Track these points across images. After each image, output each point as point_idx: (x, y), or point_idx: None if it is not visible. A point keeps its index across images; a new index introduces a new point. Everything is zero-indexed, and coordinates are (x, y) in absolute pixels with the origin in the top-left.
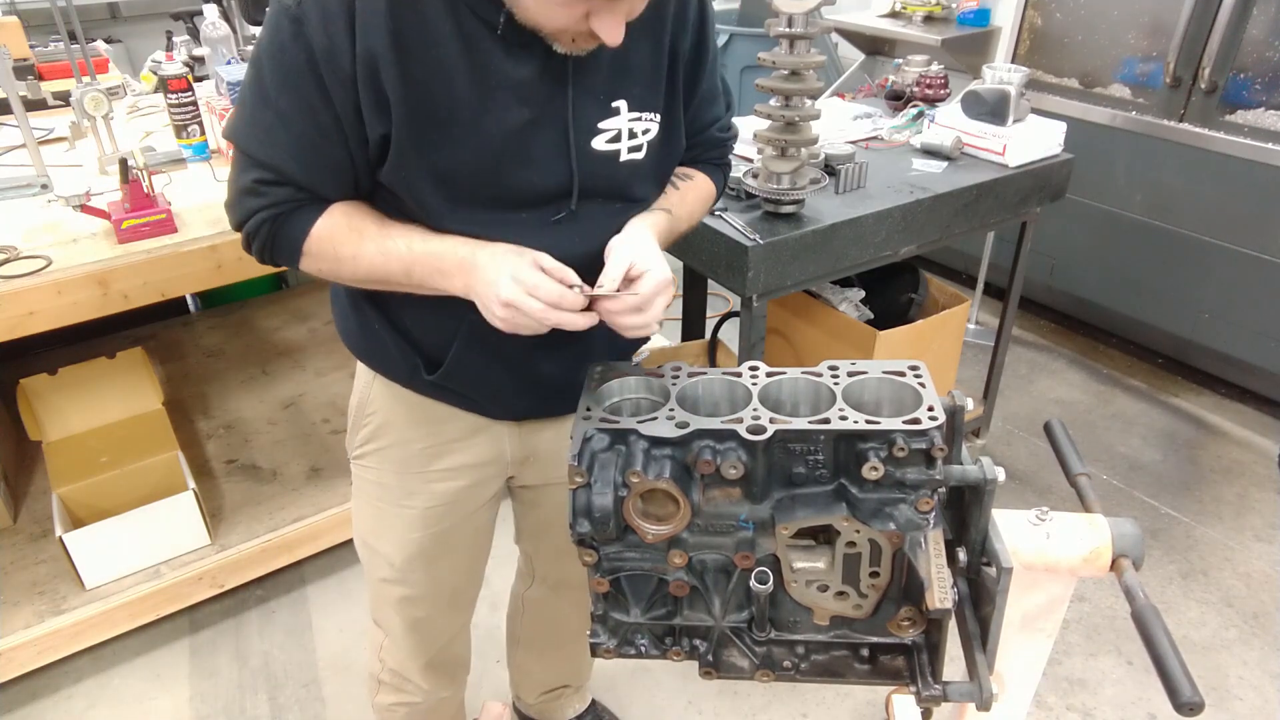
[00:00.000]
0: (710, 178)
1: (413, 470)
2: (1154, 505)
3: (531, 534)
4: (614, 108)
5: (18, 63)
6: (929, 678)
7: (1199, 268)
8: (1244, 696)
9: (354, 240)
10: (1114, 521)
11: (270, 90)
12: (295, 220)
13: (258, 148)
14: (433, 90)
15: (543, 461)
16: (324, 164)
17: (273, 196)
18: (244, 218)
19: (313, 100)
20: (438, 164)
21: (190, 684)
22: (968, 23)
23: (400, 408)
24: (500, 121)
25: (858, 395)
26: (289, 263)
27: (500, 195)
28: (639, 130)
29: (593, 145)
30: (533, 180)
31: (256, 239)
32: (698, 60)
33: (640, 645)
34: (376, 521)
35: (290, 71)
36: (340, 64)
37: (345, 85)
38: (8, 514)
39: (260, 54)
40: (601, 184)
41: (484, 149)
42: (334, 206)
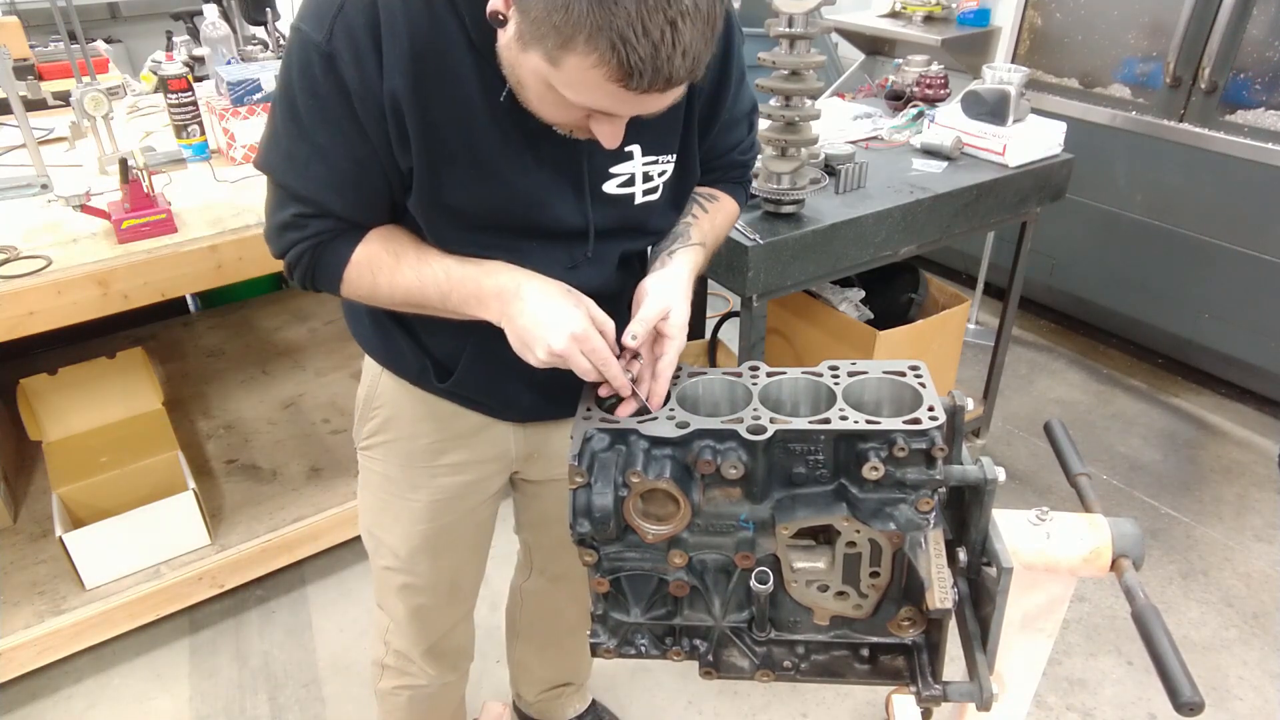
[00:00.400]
0: (734, 196)
1: (418, 464)
2: (1154, 505)
3: (532, 525)
4: (627, 152)
5: (18, 63)
6: (929, 678)
7: (1199, 268)
8: (1244, 696)
9: (391, 265)
10: (1114, 521)
11: (307, 125)
12: (335, 249)
13: (296, 181)
14: (450, 133)
15: (547, 458)
16: (362, 195)
17: (313, 229)
18: (285, 249)
19: (350, 134)
20: (454, 204)
21: (190, 684)
22: (968, 23)
23: (407, 403)
24: (515, 167)
25: (858, 395)
26: (330, 289)
27: (516, 232)
28: (654, 173)
29: (604, 189)
30: (546, 221)
31: (298, 269)
32: (717, 96)
33: (640, 645)
34: (382, 512)
35: (326, 106)
36: (372, 99)
37: (378, 119)
38: (8, 514)
39: (291, 88)
40: (616, 224)
41: (499, 192)
42: (372, 233)
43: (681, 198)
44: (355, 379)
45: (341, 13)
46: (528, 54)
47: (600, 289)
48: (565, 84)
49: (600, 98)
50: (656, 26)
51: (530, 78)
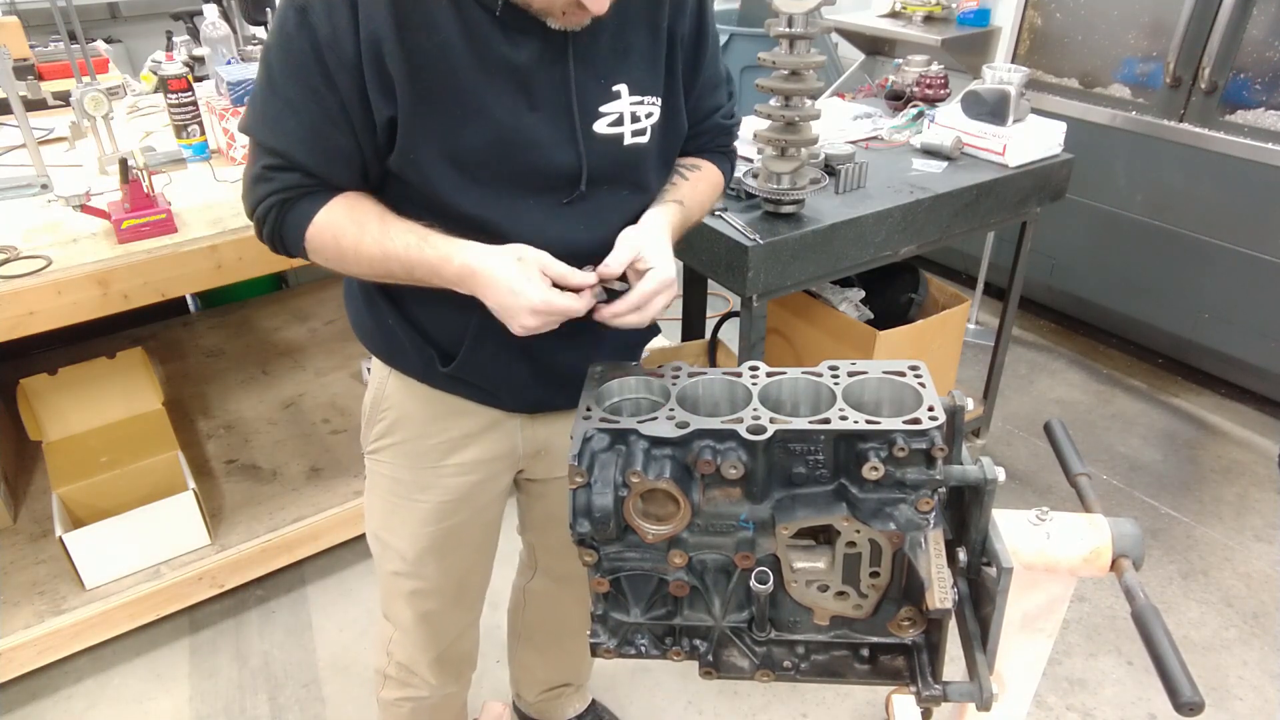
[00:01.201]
0: (718, 166)
1: (426, 465)
2: (1154, 505)
3: (536, 526)
4: (614, 91)
5: (18, 63)
6: (929, 678)
7: (1199, 268)
8: (1244, 696)
9: (354, 233)
10: (1114, 521)
11: (278, 79)
12: (300, 207)
13: (266, 134)
14: (435, 73)
15: (553, 455)
16: (331, 150)
17: (281, 181)
18: (255, 203)
19: (318, 87)
20: (444, 146)
21: (190, 684)
22: (968, 23)
23: (415, 403)
24: (503, 105)
25: (858, 395)
26: (296, 250)
27: (510, 177)
28: (641, 114)
29: (595, 129)
30: (540, 163)
31: (266, 225)
32: (698, 45)
33: (640, 645)
34: (389, 515)
35: (296, 60)
36: (344, 50)
37: (350, 71)
38: (8, 514)
39: (269, 46)
40: (608, 168)
41: (489, 131)
42: (339, 197)
43: (669, 150)
44: (355, 379)
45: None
46: None
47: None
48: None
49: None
50: None
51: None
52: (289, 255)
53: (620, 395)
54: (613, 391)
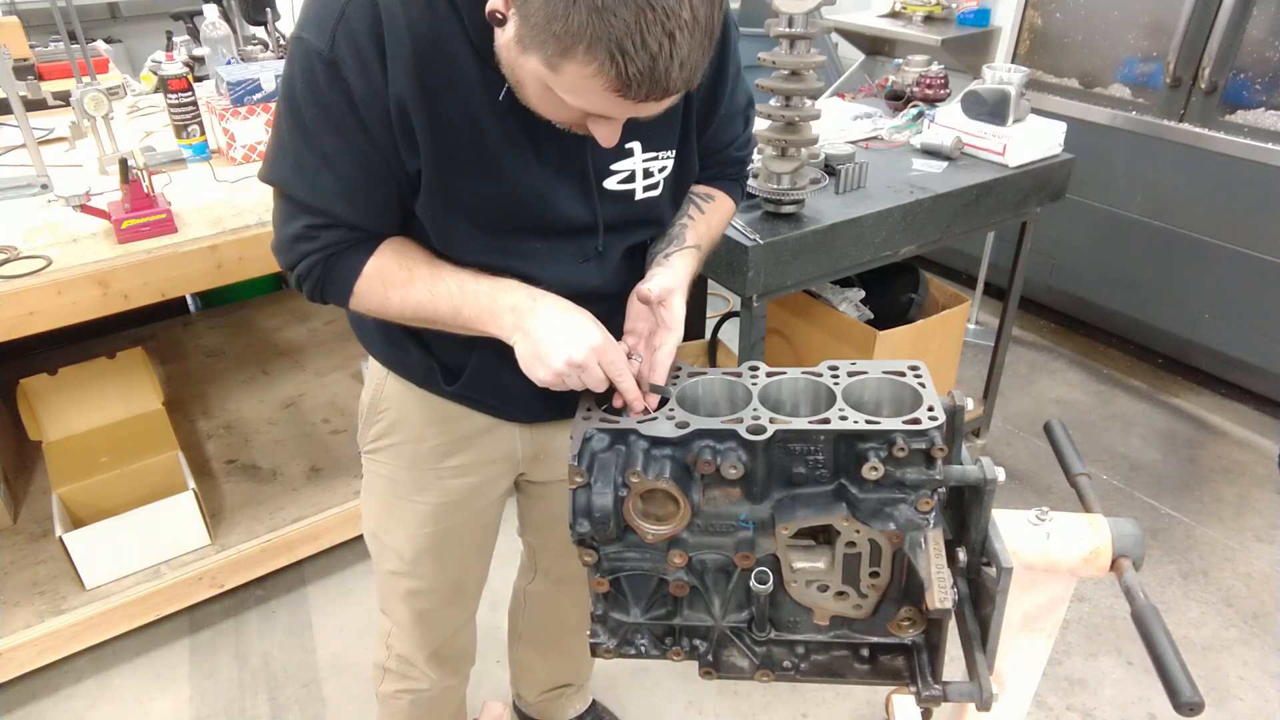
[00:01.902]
0: (729, 194)
1: (424, 466)
2: (1154, 505)
3: (536, 527)
4: (627, 149)
5: (18, 63)
6: (929, 678)
7: (1199, 268)
8: (1244, 696)
9: (404, 279)
10: (1114, 521)
11: (313, 134)
12: (346, 260)
13: (306, 192)
14: (457, 133)
15: (553, 457)
16: (373, 203)
17: (325, 239)
18: (296, 261)
19: (358, 141)
20: (463, 205)
21: (190, 684)
22: (968, 23)
23: (414, 406)
24: (519, 165)
25: (858, 395)
26: (339, 301)
27: (524, 230)
28: (655, 169)
29: (605, 185)
30: (552, 218)
31: (308, 281)
32: (714, 93)
33: (640, 645)
34: (387, 516)
35: (332, 115)
36: (378, 106)
37: (384, 124)
38: (8, 514)
39: (295, 97)
40: (620, 219)
41: (506, 190)
42: (384, 245)
43: (681, 192)
44: (355, 379)
45: (343, 19)
46: (527, 57)
47: (608, 285)
48: (564, 89)
49: (598, 103)
50: (655, 39)
51: (529, 79)
52: (326, 303)
53: None
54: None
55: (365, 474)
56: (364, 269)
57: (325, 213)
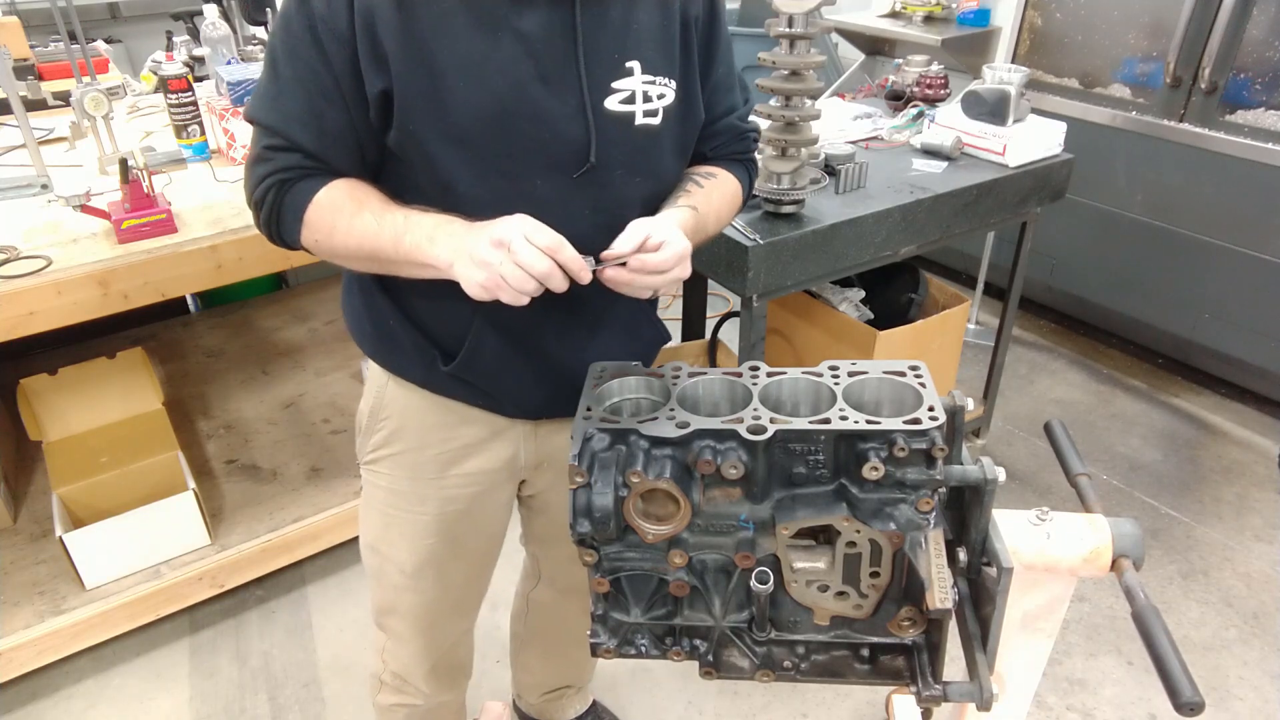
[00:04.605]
0: (734, 175)
1: (427, 476)
2: (1154, 505)
3: (539, 538)
4: (628, 68)
5: (18, 63)
6: (929, 678)
7: (1199, 268)
8: (1244, 696)
9: (353, 209)
10: (1114, 521)
11: (279, 60)
12: (300, 187)
13: (266, 114)
14: (434, 42)
15: (556, 467)
16: (328, 129)
17: (280, 162)
18: (254, 185)
19: (314, 65)
20: (443, 119)
21: (190, 684)
22: (968, 23)
23: (415, 411)
24: (506, 74)
25: (858, 395)
26: (291, 235)
27: (514, 154)
28: (654, 94)
29: (606, 105)
30: (545, 136)
31: (264, 207)
32: (712, 33)
33: (640, 645)
34: (387, 528)
35: (294, 40)
36: (338, 24)
37: (343, 44)
38: (8, 514)
39: (274, 29)
40: (620, 149)
41: (490, 102)
42: (340, 180)
43: (685, 139)
44: (355, 379)
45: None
46: None
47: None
48: None
49: None
50: None
51: None
52: (284, 243)
53: (620, 395)
54: (613, 391)
55: (365, 486)
56: (315, 197)
57: (282, 134)
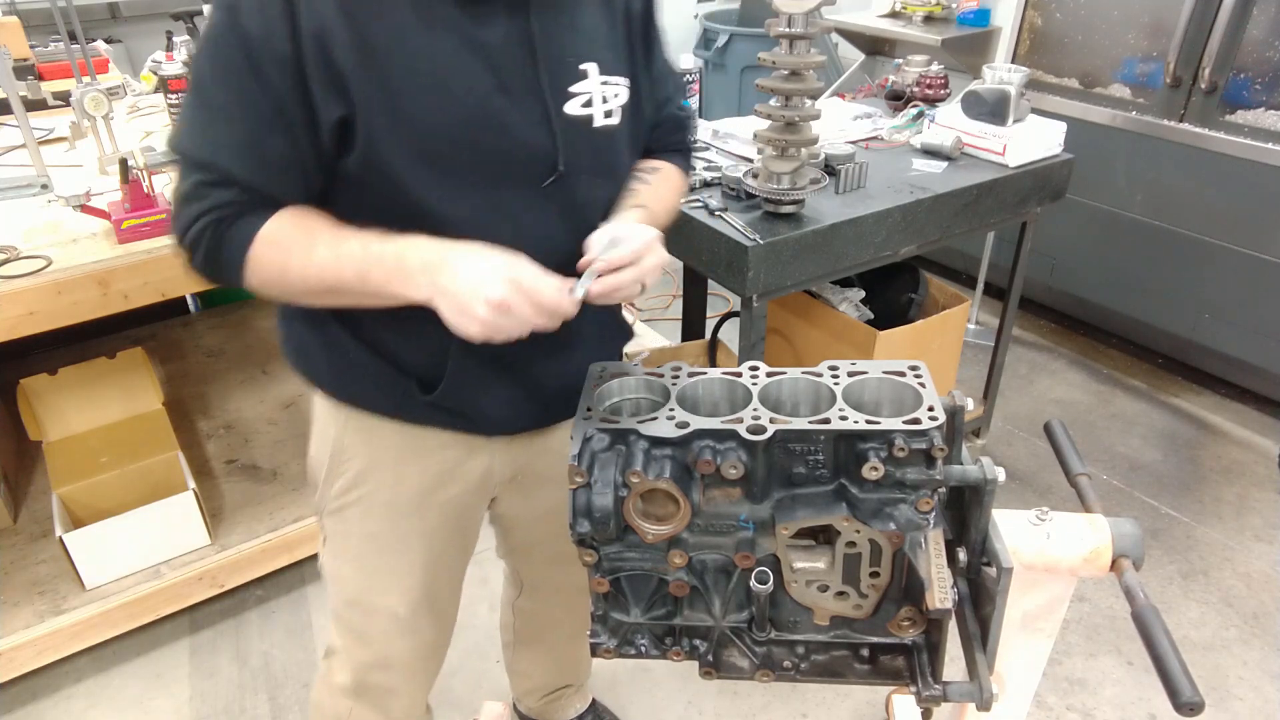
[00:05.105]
0: (676, 165)
1: (406, 512)
2: (1154, 505)
3: (515, 551)
4: (582, 70)
5: (18, 63)
6: (929, 678)
7: (1199, 268)
8: (1244, 696)
9: (305, 243)
10: (1114, 521)
11: (207, 87)
12: (241, 224)
13: (195, 147)
14: (394, 60)
15: (530, 482)
16: (269, 158)
17: (215, 198)
18: (185, 226)
19: (251, 90)
20: (410, 138)
21: (190, 684)
22: (968, 23)
23: (386, 446)
24: (469, 87)
25: (858, 395)
26: (232, 275)
27: (482, 167)
28: (610, 95)
29: (567, 110)
30: (511, 147)
31: (200, 248)
32: (649, 23)
33: (640, 645)
34: (371, 577)
35: (226, 63)
36: (277, 46)
37: (285, 68)
38: (8, 514)
39: (197, 54)
40: (584, 154)
41: (456, 115)
42: (283, 211)
43: (638, 136)
44: None
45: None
46: None
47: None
48: None
49: None
50: None
51: None
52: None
53: (620, 395)
54: (613, 391)
55: (330, 539)
56: (259, 233)
57: (215, 167)
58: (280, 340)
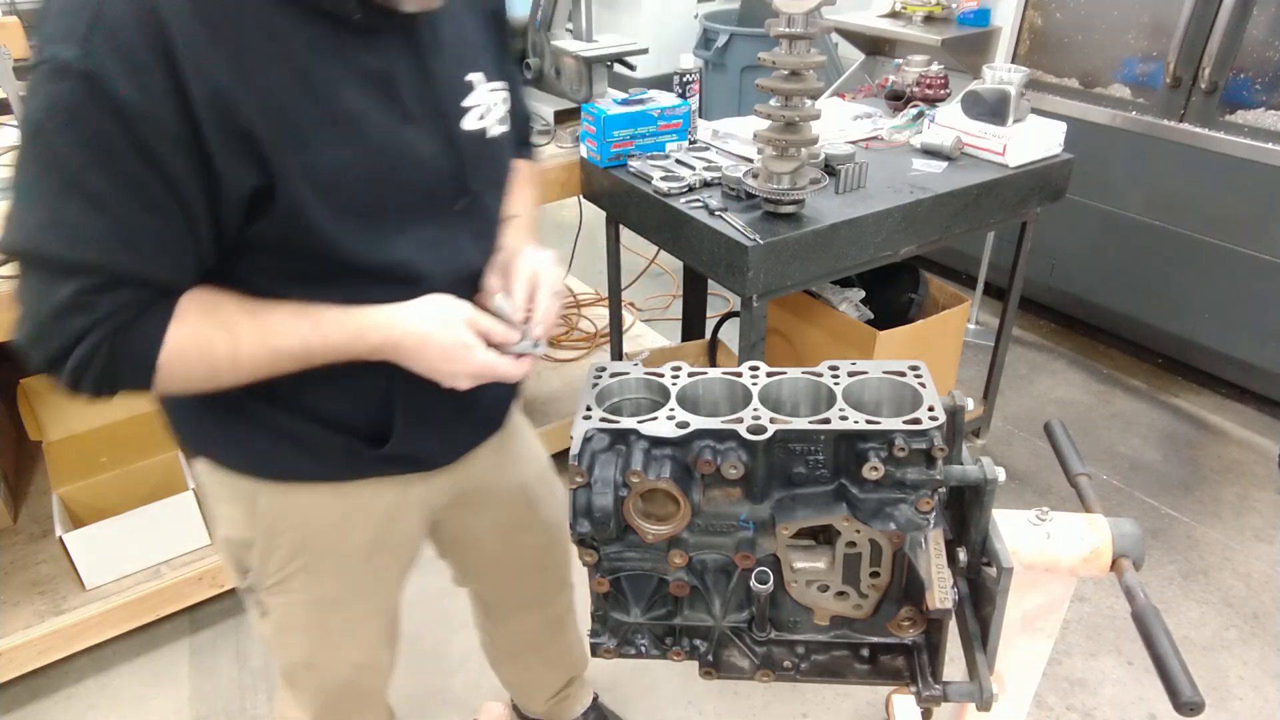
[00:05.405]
0: (526, 159)
1: (354, 566)
2: (1154, 505)
3: (473, 573)
4: (469, 82)
5: (18, 63)
6: (929, 678)
7: (1199, 268)
8: (1244, 696)
9: (226, 339)
10: (1114, 521)
11: (70, 174)
12: (140, 330)
13: (70, 248)
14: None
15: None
16: (159, 245)
17: (108, 305)
18: (67, 345)
19: (132, 169)
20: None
21: (190, 684)
22: (968, 23)
23: (321, 510)
24: (376, 123)
25: (858, 395)
26: (137, 385)
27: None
28: (495, 102)
29: (464, 127)
30: (427, 181)
31: (91, 369)
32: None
33: (640, 645)
34: (324, 636)
35: (93, 142)
36: (161, 117)
37: (176, 143)
38: (8, 514)
39: (43, 133)
40: (485, 169)
41: (371, 158)
42: (184, 306)
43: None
44: None
45: (100, 19)
46: None
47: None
48: None
49: None
50: None
51: None
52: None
53: (620, 395)
54: (613, 391)
55: (273, 611)
56: (167, 338)
57: (102, 268)
58: (170, 424)
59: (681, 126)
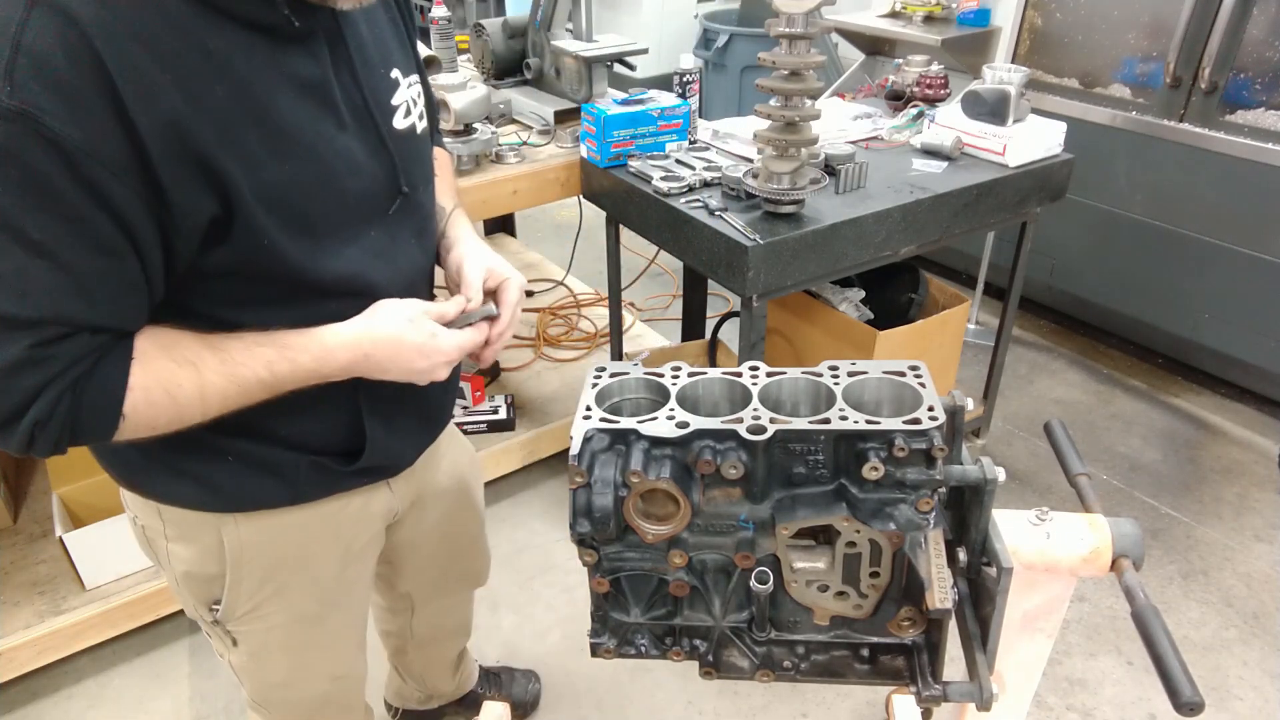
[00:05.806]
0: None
1: (327, 583)
2: (1154, 505)
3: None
4: (394, 79)
5: None
6: (929, 678)
7: (1199, 268)
8: (1244, 696)
9: (191, 378)
10: (1114, 521)
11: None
12: (101, 379)
13: (17, 304)
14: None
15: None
16: (115, 288)
17: (66, 357)
18: (23, 404)
19: (77, 210)
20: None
21: (190, 684)
22: (968, 23)
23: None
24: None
25: (858, 395)
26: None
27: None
28: (415, 96)
29: (395, 125)
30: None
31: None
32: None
33: (640, 645)
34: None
35: (35, 186)
36: (112, 154)
37: (126, 178)
38: (8, 514)
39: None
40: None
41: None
42: (142, 345)
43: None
44: None
45: (21, 51)
46: None
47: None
48: None
49: None
50: None
51: None
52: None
53: (620, 395)
54: (612, 392)
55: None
56: (131, 381)
57: (54, 321)
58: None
59: (681, 126)
